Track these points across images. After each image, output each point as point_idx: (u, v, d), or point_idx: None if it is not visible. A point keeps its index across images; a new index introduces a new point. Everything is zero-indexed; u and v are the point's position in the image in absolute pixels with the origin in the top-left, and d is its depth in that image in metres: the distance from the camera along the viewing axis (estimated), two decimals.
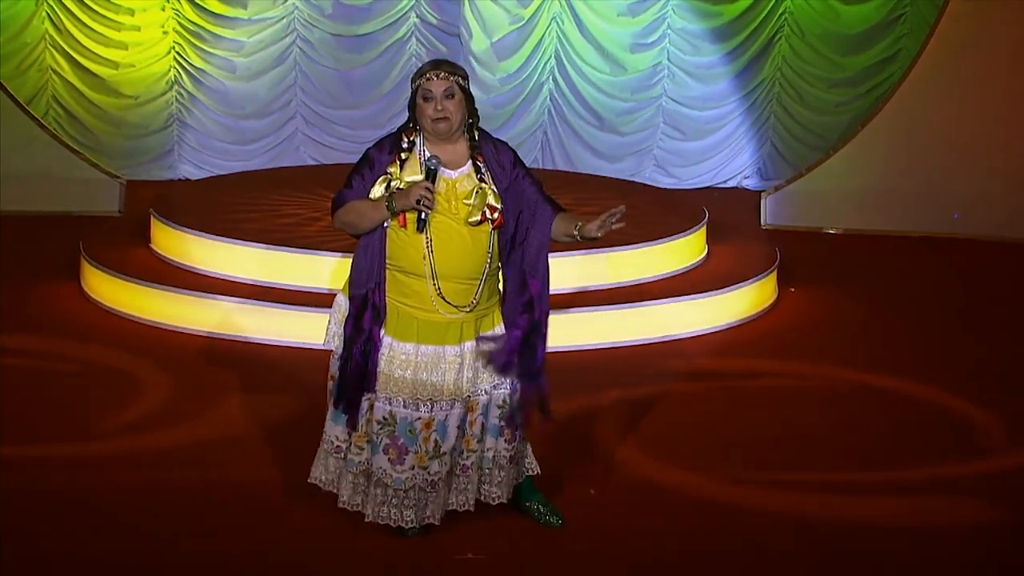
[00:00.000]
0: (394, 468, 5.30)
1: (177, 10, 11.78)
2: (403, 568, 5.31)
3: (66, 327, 8.10)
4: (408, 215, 5.16)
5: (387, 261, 5.24)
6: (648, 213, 9.29)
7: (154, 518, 5.62)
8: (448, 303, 5.20)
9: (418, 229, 5.14)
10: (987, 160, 11.01)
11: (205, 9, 11.78)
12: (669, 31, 12.21)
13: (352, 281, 5.30)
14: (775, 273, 9.03)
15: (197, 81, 11.94)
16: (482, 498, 5.48)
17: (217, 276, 8.34)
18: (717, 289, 8.51)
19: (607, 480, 6.08)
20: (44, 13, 11.59)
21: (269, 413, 6.86)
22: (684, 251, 8.96)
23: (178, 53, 11.87)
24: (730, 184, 12.52)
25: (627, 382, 7.43)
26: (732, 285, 8.59)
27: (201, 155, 12.11)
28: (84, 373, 7.37)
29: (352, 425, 5.35)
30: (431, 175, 5.15)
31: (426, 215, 5.12)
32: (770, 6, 12.12)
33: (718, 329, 8.40)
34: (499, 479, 5.46)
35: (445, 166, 5.21)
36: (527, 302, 5.29)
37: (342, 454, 5.43)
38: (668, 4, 12.14)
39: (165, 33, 11.83)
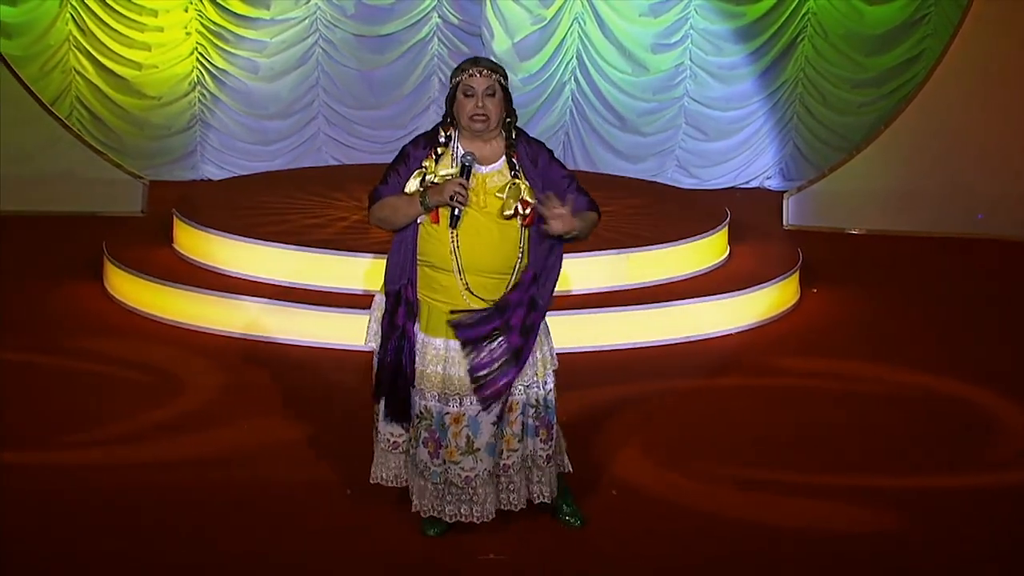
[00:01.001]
0: (431, 461, 5.35)
1: (200, 11, 11.81)
2: (425, 569, 5.31)
3: (89, 327, 8.12)
4: (441, 211, 5.18)
5: (418, 257, 5.26)
6: (670, 214, 9.28)
7: (172, 518, 5.63)
8: (477, 297, 5.21)
9: (451, 225, 5.16)
10: (1011, 161, 10.96)
11: (228, 10, 11.81)
12: (691, 31, 12.19)
13: (386, 278, 5.34)
14: (797, 274, 9.01)
15: (220, 82, 11.97)
16: (533, 498, 5.48)
17: (240, 276, 8.36)
18: (739, 289, 8.50)
19: (629, 480, 6.07)
20: (68, 15, 11.63)
21: (291, 413, 6.87)
22: (706, 251, 8.95)
23: (201, 54, 11.90)
24: (752, 185, 12.49)
25: (650, 382, 7.42)
26: (754, 285, 8.57)
27: (223, 155, 12.14)
28: (106, 372, 7.39)
29: (399, 419, 5.38)
30: (466, 171, 5.17)
31: (459, 211, 5.13)
32: (793, 6, 12.08)
33: (740, 329, 8.38)
34: (538, 478, 5.47)
35: (479, 162, 5.22)
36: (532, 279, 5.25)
37: (400, 450, 5.45)
38: (690, 4, 12.11)
39: (188, 34, 11.86)
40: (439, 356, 5.27)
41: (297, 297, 8.05)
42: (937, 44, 11.72)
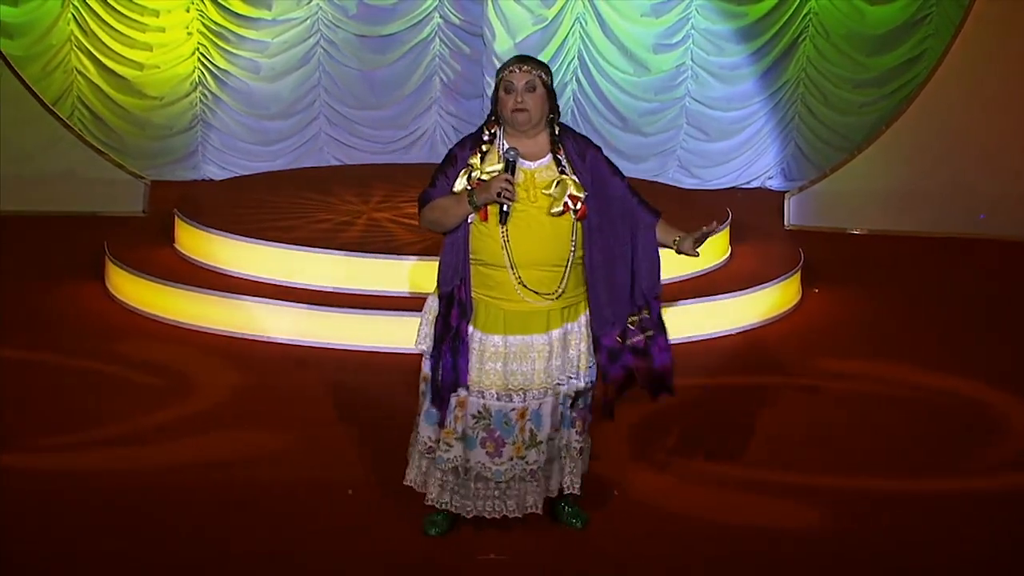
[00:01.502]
0: (492, 461, 5.36)
1: (201, 11, 11.81)
2: (425, 569, 5.32)
3: (90, 327, 8.13)
4: (490, 208, 5.21)
5: (470, 256, 5.29)
6: (671, 214, 9.25)
7: (172, 518, 5.64)
8: (532, 291, 5.24)
9: (500, 222, 5.19)
10: (1013, 161, 10.96)
11: (229, 10, 11.81)
12: (693, 31, 12.18)
13: (439, 280, 5.37)
14: (799, 274, 9.01)
15: (221, 82, 11.97)
16: (564, 487, 5.50)
17: (241, 276, 8.37)
18: (740, 290, 8.50)
19: (631, 481, 6.07)
20: (69, 15, 11.63)
21: (293, 413, 6.88)
22: (707, 252, 8.90)
23: (202, 54, 11.90)
24: (754, 185, 12.48)
25: None
26: (756, 286, 8.58)
27: (225, 156, 12.14)
28: (108, 373, 7.39)
29: (440, 422, 5.39)
30: (510, 166, 5.20)
31: (508, 207, 5.15)
32: (795, 6, 12.08)
33: (742, 329, 8.39)
34: (570, 468, 5.49)
35: (524, 157, 5.26)
36: (657, 322, 5.41)
37: (434, 454, 5.46)
38: (692, 4, 12.11)
39: (189, 34, 11.86)
40: (498, 352, 5.30)
41: (298, 297, 8.05)
42: (938, 44, 11.71)
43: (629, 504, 5.83)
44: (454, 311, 5.31)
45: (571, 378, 5.37)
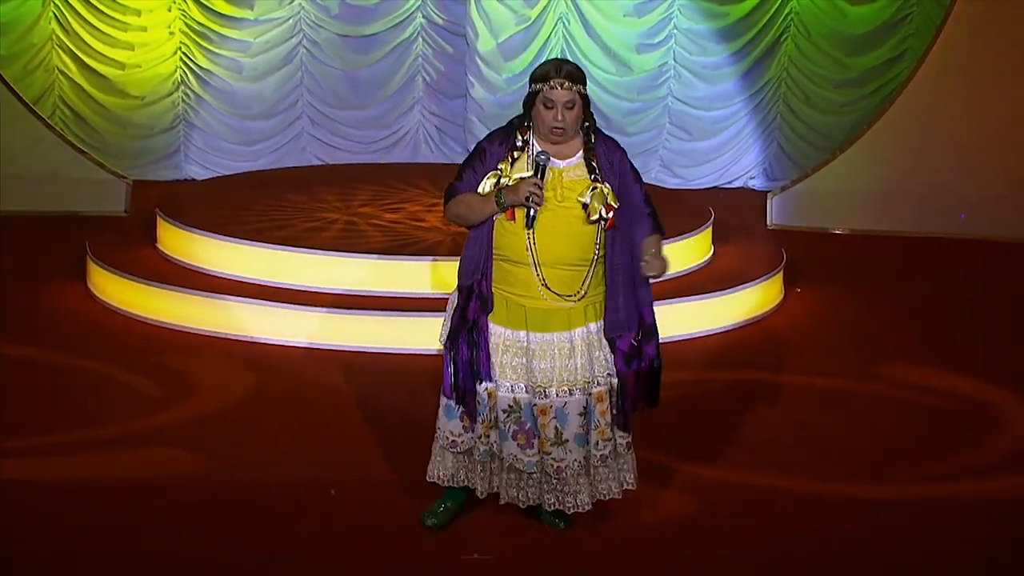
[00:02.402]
0: (524, 453, 5.39)
1: (184, 11, 11.78)
2: (411, 568, 5.32)
3: (72, 327, 8.11)
4: (517, 209, 5.21)
5: (494, 250, 5.30)
6: None
7: (162, 518, 5.63)
8: (553, 292, 5.25)
9: (527, 226, 5.20)
10: (993, 161, 11.00)
11: (211, 10, 11.79)
12: (675, 31, 12.20)
13: (460, 272, 5.38)
14: (781, 273, 9.03)
15: (203, 81, 11.95)
16: (624, 486, 5.54)
17: (224, 276, 8.35)
18: (723, 289, 8.51)
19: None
20: (51, 14, 11.59)
21: (277, 414, 6.87)
22: (690, 251, 8.96)
23: (184, 54, 11.88)
24: (736, 184, 12.51)
25: None
26: (738, 285, 8.59)
27: (207, 155, 12.12)
28: (90, 373, 7.38)
29: (473, 416, 5.41)
30: (540, 170, 5.20)
31: (535, 211, 5.16)
32: (776, 6, 12.10)
33: (724, 329, 8.40)
34: (621, 465, 5.54)
35: (556, 156, 5.27)
36: (649, 330, 5.42)
37: (458, 448, 5.48)
38: (674, 4, 12.13)
39: (171, 34, 11.83)
40: (521, 348, 5.32)
41: (281, 297, 8.05)
42: (919, 44, 11.75)
43: (615, 504, 5.83)
44: (472, 304, 5.33)
45: (610, 376, 5.40)
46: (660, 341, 5.47)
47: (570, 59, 12.01)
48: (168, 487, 5.94)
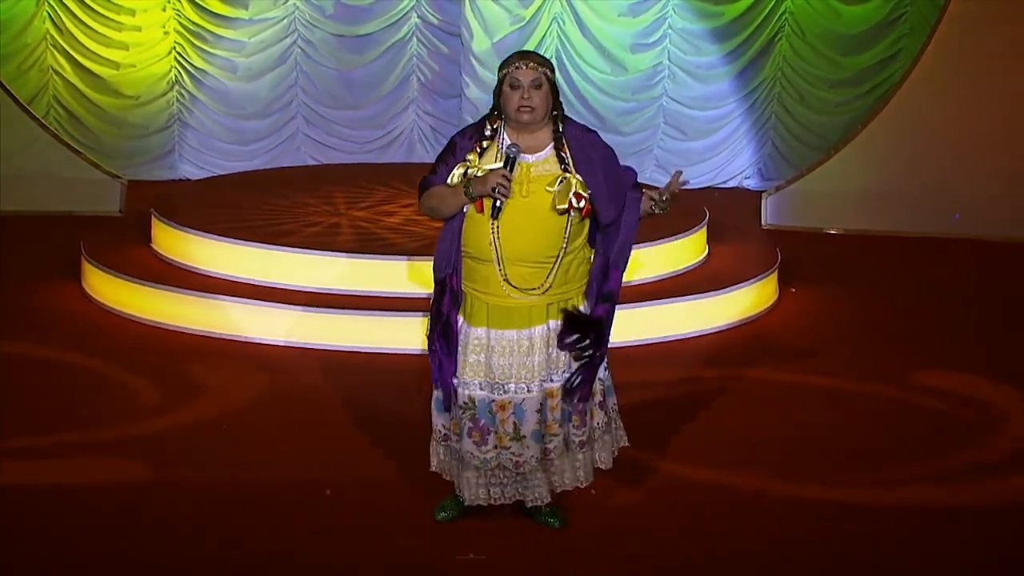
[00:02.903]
0: (479, 449, 5.41)
1: (178, 10, 11.78)
2: (407, 568, 5.32)
3: (67, 327, 8.10)
4: (485, 200, 5.22)
5: (461, 248, 5.32)
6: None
7: (161, 519, 5.63)
8: (515, 288, 5.26)
9: (493, 216, 5.20)
10: (987, 160, 11.02)
11: (206, 9, 11.79)
12: (670, 31, 12.22)
13: (434, 267, 5.40)
14: (776, 273, 9.03)
15: (198, 81, 11.95)
16: (580, 482, 5.55)
17: (218, 276, 8.35)
18: (718, 289, 8.52)
19: (609, 480, 6.08)
20: (45, 13, 11.59)
21: (272, 414, 6.87)
22: (685, 251, 8.97)
23: (179, 53, 11.88)
24: (731, 184, 12.52)
25: (627, 383, 7.42)
26: (733, 285, 8.60)
27: (202, 155, 12.12)
28: (85, 373, 7.37)
29: (449, 410, 5.47)
30: (510, 162, 5.19)
31: (501, 203, 5.16)
32: (771, 6, 12.12)
33: (718, 329, 8.41)
34: (581, 461, 5.53)
35: (524, 151, 5.26)
36: (608, 293, 5.38)
37: (448, 441, 5.53)
38: (669, 4, 12.14)
39: (166, 33, 11.83)
40: (481, 345, 5.34)
41: (276, 297, 8.04)
42: (914, 44, 11.77)
43: (607, 503, 5.84)
44: (446, 298, 5.36)
45: (564, 372, 5.40)
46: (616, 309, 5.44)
47: (564, 59, 12.08)
48: (166, 488, 5.93)
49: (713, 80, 12.34)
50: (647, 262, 8.63)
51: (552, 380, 5.40)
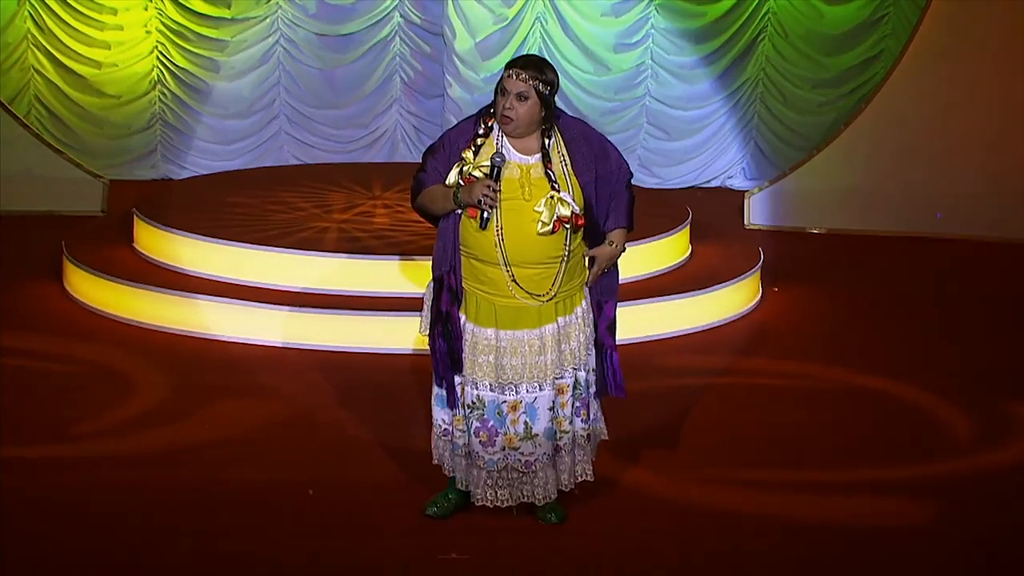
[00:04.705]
0: (486, 450, 5.41)
1: (160, 9, 11.74)
2: (389, 568, 5.31)
3: (49, 327, 8.08)
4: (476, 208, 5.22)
5: (461, 247, 5.31)
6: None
7: (139, 520, 5.62)
8: (524, 290, 5.26)
9: (481, 227, 5.20)
10: (969, 160, 11.04)
11: (188, 8, 11.75)
12: (653, 31, 12.22)
13: (432, 264, 5.41)
14: (759, 273, 9.05)
15: (180, 81, 11.91)
16: (578, 477, 5.57)
17: (201, 276, 8.33)
18: (700, 289, 8.53)
19: (597, 478, 6.07)
20: (26, 12, 11.54)
21: (255, 414, 6.86)
22: (668, 251, 8.97)
23: (161, 53, 11.84)
24: (714, 184, 12.53)
25: None
26: (715, 285, 8.61)
27: (184, 155, 12.08)
28: (67, 373, 7.35)
29: (452, 407, 5.45)
30: (495, 173, 5.17)
31: (488, 214, 5.15)
32: (753, 6, 12.13)
33: (701, 329, 8.41)
34: (580, 457, 5.56)
35: (521, 152, 5.27)
36: (609, 325, 5.52)
37: (449, 436, 5.51)
38: (651, 4, 12.14)
39: (148, 32, 11.79)
40: (491, 346, 5.33)
41: (259, 297, 8.03)
42: (896, 44, 11.80)
43: (594, 501, 5.84)
44: (444, 297, 5.36)
45: (575, 369, 5.41)
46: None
47: (548, 59, 12.06)
48: (144, 488, 5.92)
49: (696, 80, 12.35)
50: (631, 262, 8.59)
51: (564, 377, 5.40)
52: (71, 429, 6.55)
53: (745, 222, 11.22)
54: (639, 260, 8.67)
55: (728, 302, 8.65)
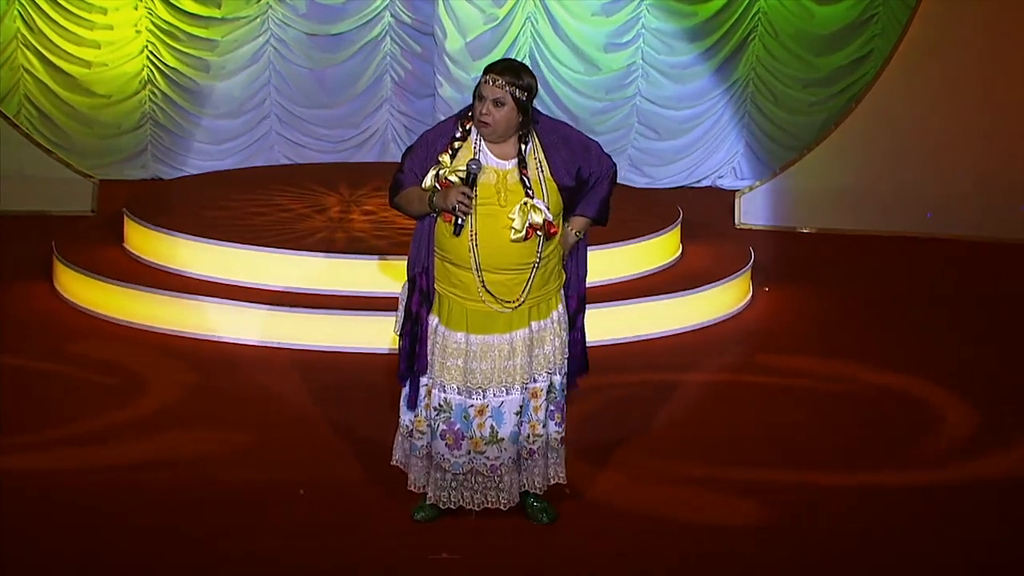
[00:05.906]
0: (451, 453, 5.41)
1: (150, 9, 11.73)
2: (377, 568, 5.31)
3: (39, 327, 8.06)
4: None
5: (435, 249, 5.31)
6: (622, 213, 9.29)
7: (129, 520, 5.61)
8: (492, 296, 5.26)
9: (455, 233, 5.20)
10: (959, 160, 11.06)
11: (178, 8, 11.74)
12: (643, 31, 12.23)
13: (407, 264, 5.42)
14: (749, 272, 9.05)
15: (170, 80, 11.90)
16: (551, 480, 5.58)
17: (191, 276, 8.32)
18: (691, 289, 8.53)
19: (585, 479, 6.08)
20: (16, 12, 11.52)
21: (247, 413, 6.86)
22: (658, 251, 8.98)
23: (151, 52, 11.82)
24: (704, 184, 12.54)
25: (601, 383, 7.42)
26: (706, 284, 8.61)
27: (174, 154, 12.07)
28: (55, 373, 7.34)
29: (412, 408, 5.45)
30: (470, 180, 5.16)
31: (462, 220, 5.14)
32: (744, 6, 12.15)
33: (692, 328, 8.42)
34: (554, 459, 5.56)
35: (498, 157, 5.26)
36: (582, 300, 5.58)
37: (413, 438, 5.52)
38: (642, 4, 12.15)
39: (138, 32, 11.78)
40: (460, 349, 5.33)
41: (249, 297, 8.02)
42: (885, 44, 11.82)
43: (585, 502, 5.85)
44: (415, 297, 5.37)
45: (550, 373, 5.41)
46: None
47: (538, 59, 12.07)
48: (134, 487, 5.92)
49: (687, 80, 12.36)
50: (621, 262, 8.64)
51: (536, 381, 5.40)
52: (59, 428, 6.54)
53: (736, 222, 11.24)
54: (629, 260, 8.69)
55: (719, 302, 8.66)
